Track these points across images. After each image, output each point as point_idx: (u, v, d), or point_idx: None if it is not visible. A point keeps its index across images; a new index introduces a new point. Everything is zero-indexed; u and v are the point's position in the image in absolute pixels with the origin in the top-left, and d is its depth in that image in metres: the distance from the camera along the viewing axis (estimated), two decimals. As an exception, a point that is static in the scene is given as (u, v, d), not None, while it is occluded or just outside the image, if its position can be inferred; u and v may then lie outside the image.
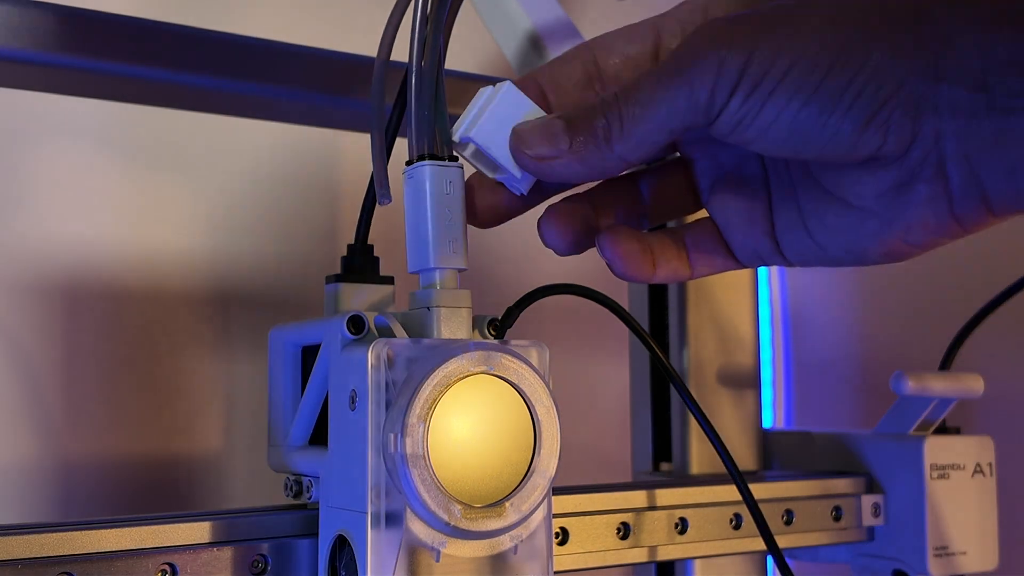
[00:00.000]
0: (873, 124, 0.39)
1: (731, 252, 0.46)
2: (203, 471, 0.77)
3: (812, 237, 0.44)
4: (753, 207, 0.46)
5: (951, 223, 0.41)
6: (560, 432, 0.45)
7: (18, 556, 0.43)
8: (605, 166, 0.42)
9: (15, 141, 0.72)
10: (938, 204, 0.40)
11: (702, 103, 0.40)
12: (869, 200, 0.41)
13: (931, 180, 0.40)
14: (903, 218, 0.41)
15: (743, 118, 0.40)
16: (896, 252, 0.43)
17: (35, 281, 0.72)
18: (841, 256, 0.44)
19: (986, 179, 0.39)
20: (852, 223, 0.42)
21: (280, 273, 0.81)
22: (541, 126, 0.43)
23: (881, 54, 0.39)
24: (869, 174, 0.41)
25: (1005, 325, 0.80)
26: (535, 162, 0.43)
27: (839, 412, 1.03)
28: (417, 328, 0.46)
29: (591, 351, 0.94)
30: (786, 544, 0.62)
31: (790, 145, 0.40)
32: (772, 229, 0.45)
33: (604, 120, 0.42)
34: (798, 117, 0.39)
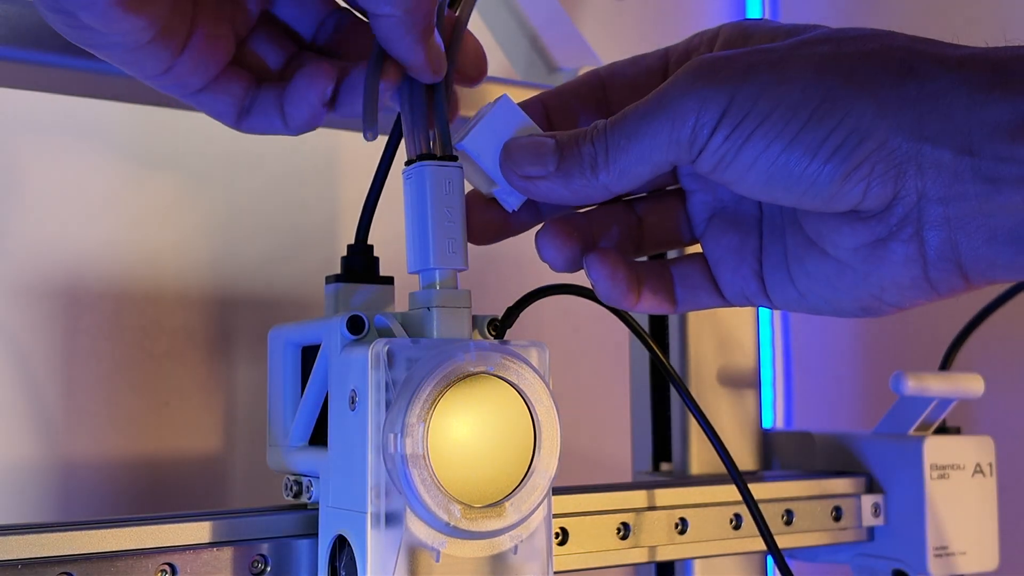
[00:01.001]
0: (853, 177, 0.39)
1: (718, 289, 0.46)
2: (203, 471, 0.77)
3: (794, 283, 0.44)
4: (744, 245, 0.46)
5: (925, 286, 0.41)
6: (560, 432, 0.45)
7: (18, 556, 0.43)
8: (589, 193, 0.43)
9: (15, 141, 0.72)
10: (912, 266, 0.40)
11: (684, 140, 0.40)
12: (846, 253, 0.41)
13: (908, 241, 0.40)
14: (877, 275, 0.41)
15: (723, 157, 0.40)
16: (872, 308, 0.43)
17: (35, 281, 0.72)
18: (820, 305, 0.44)
19: (964, 245, 0.39)
20: (829, 274, 0.43)
21: (280, 273, 0.81)
22: (531, 144, 0.44)
23: (864, 108, 0.38)
24: (848, 226, 0.41)
25: (1005, 325, 0.80)
26: (522, 180, 0.44)
27: (839, 412, 1.03)
28: (417, 328, 0.46)
29: (591, 351, 0.94)
30: (786, 544, 0.62)
31: (770, 189, 0.40)
32: (760, 269, 0.45)
33: (591, 147, 0.42)
34: (777, 162, 0.39)
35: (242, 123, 0.44)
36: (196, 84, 0.42)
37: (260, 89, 0.44)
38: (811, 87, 0.39)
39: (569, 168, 0.42)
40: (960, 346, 0.72)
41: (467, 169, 0.46)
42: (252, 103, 0.43)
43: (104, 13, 0.37)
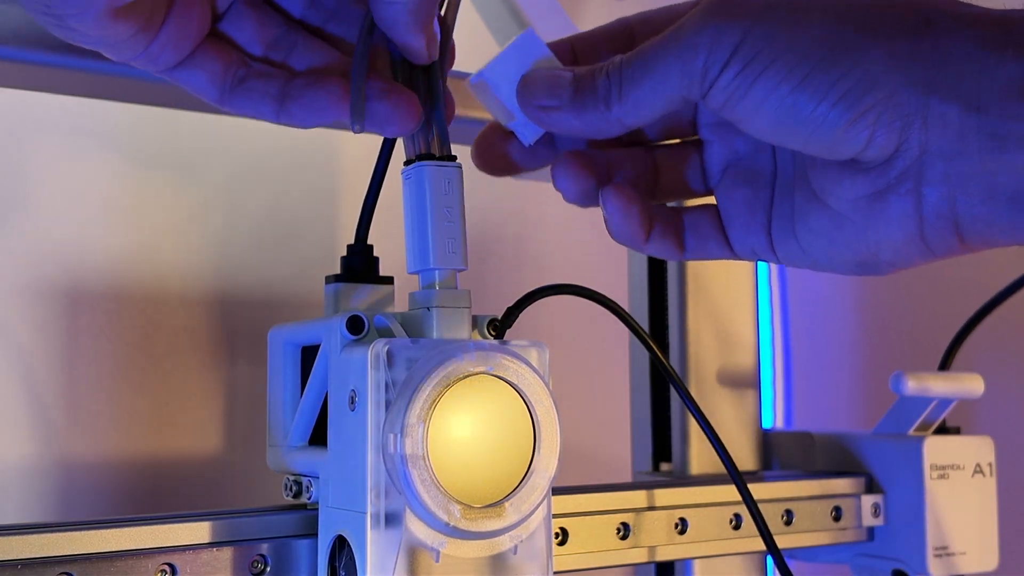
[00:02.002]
0: (859, 124, 0.39)
1: (728, 241, 0.47)
2: (203, 471, 0.77)
3: (797, 238, 0.44)
4: (756, 199, 0.46)
5: (920, 244, 0.41)
6: (560, 432, 0.45)
7: (18, 556, 0.43)
8: (602, 126, 0.43)
9: (15, 141, 0.72)
10: (908, 223, 0.40)
11: (696, 73, 0.40)
12: (846, 204, 0.42)
13: (905, 196, 0.40)
14: (874, 230, 0.41)
15: (733, 94, 0.40)
16: (868, 265, 0.43)
17: (35, 281, 0.72)
18: (820, 261, 0.44)
19: (962, 204, 0.39)
20: (829, 228, 0.43)
21: (280, 273, 0.81)
22: (549, 76, 0.44)
23: (876, 57, 0.39)
24: (849, 177, 0.41)
25: (1005, 325, 0.80)
26: (536, 110, 0.44)
27: (839, 412, 1.03)
28: (417, 328, 0.46)
29: (591, 351, 0.94)
30: (786, 544, 0.62)
31: (777, 130, 0.40)
32: (769, 224, 0.45)
33: (606, 79, 0.43)
34: (785, 102, 0.39)
35: (225, 101, 0.43)
36: (170, 60, 0.41)
37: (249, 69, 0.43)
38: (826, 31, 0.39)
39: (583, 100, 0.43)
40: (960, 346, 0.72)
41: (487, 101, 0.46)
42: (240, 82, 0.43)
43: (95, 21, 0.37)
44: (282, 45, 0.45)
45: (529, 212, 0.92)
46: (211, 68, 0.42)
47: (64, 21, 0.38)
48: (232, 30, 0.44)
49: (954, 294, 0.91)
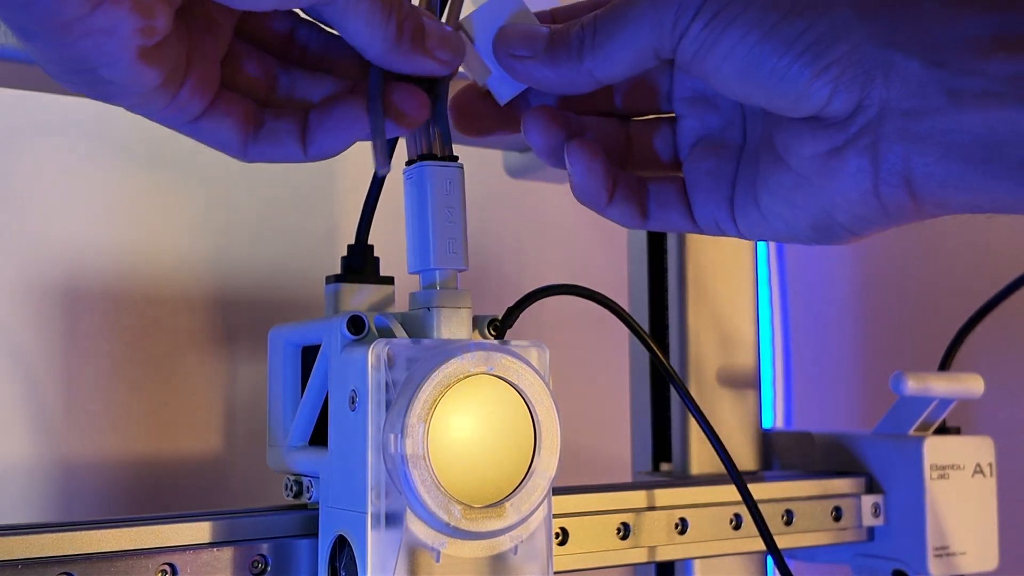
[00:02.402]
0: (823, 78, 0.39)
1: (690, 211, 0.47)
2: (203, 471, 0.77)
3: (758, 203, 0.44)
4: (721, 169, 0.46)
5: (874, 203, 0.41)
6: (560, 432, 0.45)
7: (18, 556, 0.43)
8: (574, 77, 0.44)
9: (14, 141, 0.72)
10: (863, 179, 0.41)
11: (667, 23, 0.41)
12: (805, 161, 0.42)
13: (862, 152, 0.40)
14: (830, 188, 0.41)
15: (702, 44, 0.41)
16: (824, 229, 0.43)
17: (35, 281, 0.72)
18: (778, 227, 0.44)
19: (916, 161, 0.39)
20: (788, 187, 0.43)
21: (280, 273, 0.81)
22: (527, 29, 0.45)
23: (843, 10, 0.39)
24: (810, 132, 0.41)
25: (1005, 325, 0.80)
26: (510, 59, 0.44)
27: (839, 412, 1.03)
28: (417, 328, 0.46)
29: (591, 351, 0.94)
30: (786, 544, 0.62)
31: (744, 83, 0.41)
32: (732, 195, 0.46)
33: (580, 31, 0.43)
34: (751, 53, 0.40)
35: (249, 150, 0.43)
36: (197, 109, 0.41)
37: (264, 112, 0.43)
38: None
39: (557, 51, 0.43)
40: (960, 346, 0.72)
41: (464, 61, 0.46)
42: (259, 126, 0.43)
43: (128, 68, 0.38)
44: (284, 84, 0.45)
45: (529, 212, 0.92)
46: (235, 113, 0.42)
47: (98, 73, 0.37)
48: (237, 73, 0.44)
49: (954, 294, 0.91)
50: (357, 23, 0.40)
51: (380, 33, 0.41)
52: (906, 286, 0.98)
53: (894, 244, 0.98)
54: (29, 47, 0.38)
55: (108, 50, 0.37)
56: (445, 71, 0.44)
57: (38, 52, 0.38)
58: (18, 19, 0.36)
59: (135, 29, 0.37)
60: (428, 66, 0.43)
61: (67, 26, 0.35)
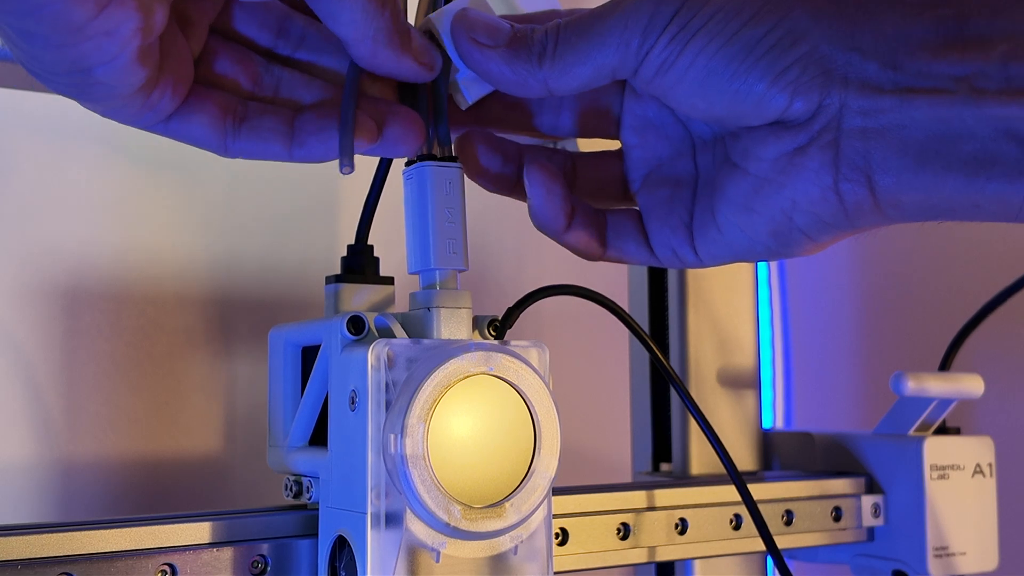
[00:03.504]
0: (781, 81, 0.40)
1: (647, 241, 0.47)
2: (203, 471, 0.77)
3: (715, 219, 0.45)
4: (676, 197, 0.46)
5: (835, 200, 0.41)
6: (560, 432, 0.45)
7: (18, 556, 0.43)
8: (528, 81, 0.43)
9: (14, 141, 0.72)
10: (824, 175, 0.41)
11: (632, 46, 0.41)
12: (766, 164, 0.42)
13: (824, 148, 0.41)
14: (791, 187, 0.42)
15: (663, 62, 0.41)
16: (782, 235, 0.43)
17: (35, 281, 0.72)
18: (737, 239, 0.44)
19: (876, 157, 0.40)
20: (747, 193, 0.43)
21: (280, 273, 0.81)
22: (491, 20, 0.44)
23: (801, 13, 0.40)
24: (773, 136, 0.42)
25: (1005, 325, 0.80)
26: (470, 43, 0.43)
27: (839, 412, 1.03)
28: (417, 328, 0.46)
29: (591, 351, 0.94)
30: (786, 545, 0.62)
31: (703, 95, 0.41)
32: (691, 221, 0.46)
33: (544, 35, 0.43)
34: (712, 62, 0.40)
35: (230, 146, 0.43)
36: (168, 108, 0.41)
37: (248, 107, 0.43)
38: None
39: (517, 49, 0.43)
40: (959, 346, 0.72)
41: None
42: (241, 121, 0.43)
43: (123, 68, 0.37)
44: (267, 83, 0.44)
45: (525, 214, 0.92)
46: (208, 111, 0.42)
47: (92, 74, 0.37)
48: (213, 71, 0.43)
49: (954, 294, 0.91)
50: (353, 12, 0.40)
51: (373, 27, 0.41)
52: (906, 286, 0.98)
53: (894, 245, 0.98)
54: (19, 48, 0.37)
55: (108, 50, 0.37)
56: (427, 77, 0.44)
57: (31, 53, 0.37)
58: (24, 24, 0.36)
59: (136, 28, 0.36)
60: (412, 69, 0.43)
61: (74, 29, 0.35)
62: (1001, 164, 0.39)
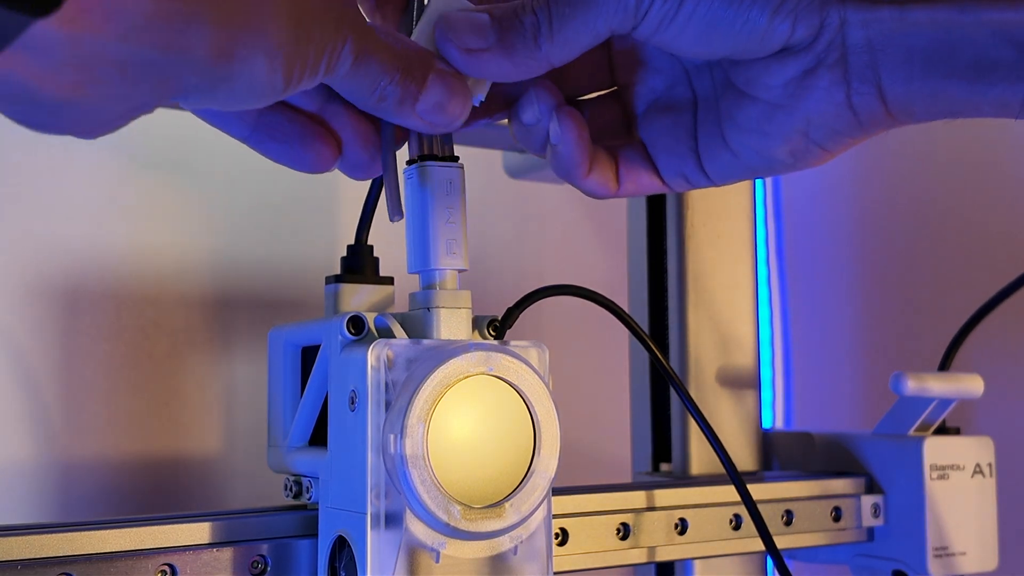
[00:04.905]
0: (781, 12, 0.41)
1: (657, 171, 0.47)
2: (203, 471, 0.77)
3: (727, 144, 0.45)
4: (678, 124, 0.47)
5: (848, 114, 0.42)
6: (560, 432, 0.45)
7: (18, 556, 0.43)
8: (530, 65, 0.42)
9: (14, 141, 0.72)
10: (837, 92, 0.42)
11: (630, 5, 0.41)
12: (776, 91, 0.43)
13: (833, 66, 0.42)
14: (804, 108, 0.42)
15: (664, 17, 0.41)
16: (800, 151, 0.44)
17: (35, 281, 0.72)
18: (752, 160, 0.45)
19: (883, 66, 0.41)
20: (760, 119, 0.44)
21: (280, 273, 0.81)
22: (468, 17, 0.42)
23: None
24: (779, 63, 0.42)
25: (1005, 325, 0.80)
26: (463, 54, 0.42)
27: (839, 412, 1.03)
28: (417, 329, 0.46)
29: (591, 352, 0.94)
30: (786, 545, 0.62)
31: (707, 40, 0.41)
32: (696, 145, 0.46)
33: (534, 17, 0.42)
34: (711, 8, 0.41)
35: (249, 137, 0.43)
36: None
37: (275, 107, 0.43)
38: None
39: (512, 39, 0.42)
40: (959, 346, 0.72)
41: None
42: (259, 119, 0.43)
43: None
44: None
45: (529, 212, 0.92)
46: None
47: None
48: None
49: (954, 294, 0.91)
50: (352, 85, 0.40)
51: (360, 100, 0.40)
52: (906, 286, 0.98)
53: (894, 244, 0.98)
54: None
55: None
56: (437, 131, 0.43)
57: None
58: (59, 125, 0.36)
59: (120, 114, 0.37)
60: (416, 125, 0.42)
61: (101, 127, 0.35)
62: (1001, 69, 0.40)
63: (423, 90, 0.41)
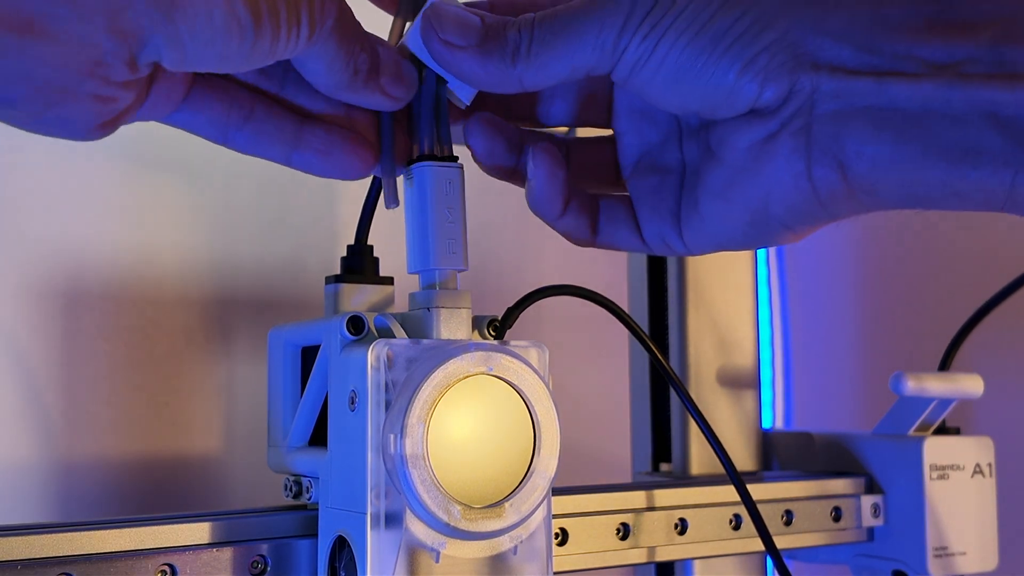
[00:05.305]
0: (750, 71, 0.40)
1: (639, 229, 0.47)
2: (203, 471, 0.77)
3: (698, 209, 0.44)
4: (664, 186, 0.46)
5: (807, 188, 0.41)
6: (560, 432, 0.45)
7: (18, 556, 0.43)
8: (501, 79, 0.43)
9: (14, 141, 0.72)
10: (797, 161, 0.40)
11: (608, 45, 0.41)
12: (741, 153, 0.42)
13: (796, 134, 0.40)
14: (765, 174, 0.41)
15: (639, 58, 0.41)
16: (760, 224, 0.43)
17: (35, 281, 0.72)
18: (718, 229, 0.44)
19: (847, 140, 0.39)
20: (724, 183, 0.43)
21: (280, 273, 0.81)
22: (458, 15, 0.43)
23: (771, 0, 0.40)
24: (746, 124, 0.41)
25: (1005, 325, 0.80)
26: (441, 44, 0.43)
27: (839, 412, 1.03)
28: (417, 329, 0.46)
29: (591, 352, 0.94)
30: (786, 545, 0.62)
31: (677, 90, 0.41)
32: (678, 210, 0.46)
33: (517, 34, 0.42)
34: (683, 55, 0.40)
35: (232, 138, 0.43)
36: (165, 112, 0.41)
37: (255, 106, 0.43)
38: None
39: (491, 48, 0.42)
40: (959, 346, 0.72)
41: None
42: (245, 121, 0.43)
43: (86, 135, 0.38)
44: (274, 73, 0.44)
45: (529, 212, 0.92)
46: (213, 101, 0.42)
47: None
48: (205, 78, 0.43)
49: (954, 294, 0.91)
50: (318, 64, 0.40)
51: (336, 76, 0.41)
52: (906, 286, 0.98)
53: (894, 244, 0.98)
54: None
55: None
56: (396, 107, 0.44)
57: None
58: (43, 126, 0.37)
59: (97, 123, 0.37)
60: (378, 102, 0.43)
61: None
62: (986, 153, 0.38)
63: (380, 63, 0.42)
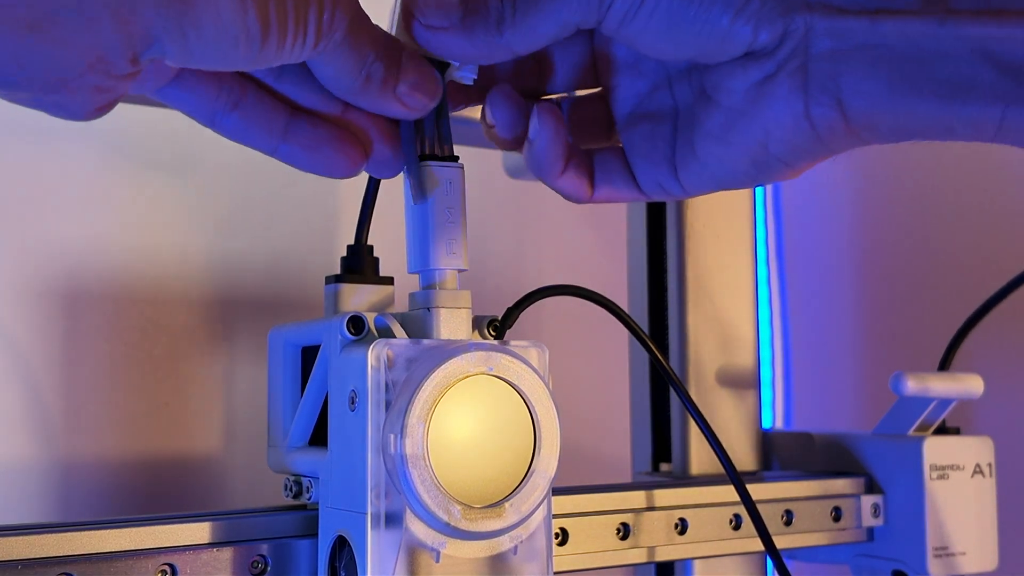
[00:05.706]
0: (744, 14, 0.40)
1: (634, 178, 0.47)
2: (203, 471, 0.77)
3: (695, 152, 0.44)
4: (657, 132, 0.46)
5: (807, 127, 0.41)
6: (560, 432, 0.45)
7: (18, 556, 0.43)
8: (491, 51, 0.42)
9: (14, 141, 0.72)
10: (795, 101, 0.41)
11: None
12: (738, 96, 0.42)
13: (793, 74, 0.40)
14: (763, 116, 0.41)
15: (628, 9, 0.41)
16: (762, 164, 0.43)
17: (35, 281, 0.72)
18: (718, 171, 0.44)
19: (845, 78, 0.40)
20: (723, 127, 0.43)
21: (280, 273, 0.81)
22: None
23: None
24: (742, 68, 0.41)
25: (1005, 325, 0.80)
26: (424, 30, 0.42)
27: (839, 412, 1.03)
28: (417, 329, 0.46)
29: (591, 351, 0.94)
30: (786, 545, 0.62)
31: (670, 38, 0.41)
32: (673, 155, 0.46)
33: (499, 2, 0.42)
34: (673, 5, 0.40)
35: (219, 122, 0.43)
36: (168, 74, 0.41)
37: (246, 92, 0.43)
38: None
39: (474, 22, 0.42)
40: (959, 345, 0.72)
41: None
42: (234, 107, 0.43)
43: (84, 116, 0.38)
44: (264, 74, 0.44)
45: (529, 212, 0.92)
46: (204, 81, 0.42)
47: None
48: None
49: (954, 294, 0.91)
50: (327, 69, 0.40)
51: (346, 82, 0.41)
52: (906, 286, 0.98)
53: (894, 244, 0.98)
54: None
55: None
56: (413, 115, 0.43)
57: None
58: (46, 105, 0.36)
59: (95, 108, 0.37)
60: (394, 109, 0.42)
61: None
62: (977, 88, 0.38)
63: (400, 70, 0.42)
